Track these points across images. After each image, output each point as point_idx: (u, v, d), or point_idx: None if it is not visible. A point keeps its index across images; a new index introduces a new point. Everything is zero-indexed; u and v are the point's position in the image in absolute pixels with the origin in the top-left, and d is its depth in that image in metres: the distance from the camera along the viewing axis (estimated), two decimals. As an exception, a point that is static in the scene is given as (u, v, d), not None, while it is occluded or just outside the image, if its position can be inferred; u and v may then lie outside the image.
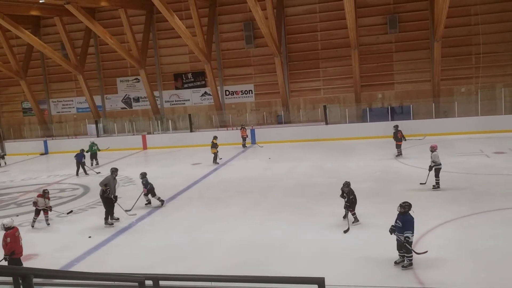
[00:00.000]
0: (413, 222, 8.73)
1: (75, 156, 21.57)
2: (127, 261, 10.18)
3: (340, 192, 11.68)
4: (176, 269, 9.13)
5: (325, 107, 27.88)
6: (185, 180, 18.54)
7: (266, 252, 10.11)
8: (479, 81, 27.75)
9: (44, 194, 13.41)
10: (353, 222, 11.31)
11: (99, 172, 21.11)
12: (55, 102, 35.58)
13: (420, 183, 14.39)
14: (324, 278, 3.93)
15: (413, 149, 20.47)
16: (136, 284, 3.96)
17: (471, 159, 18.35)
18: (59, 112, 35.60)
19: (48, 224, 13.43)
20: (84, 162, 21.57)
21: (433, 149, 14.15)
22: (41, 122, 34.16)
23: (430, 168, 14.09)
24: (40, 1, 26.36)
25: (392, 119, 26.30)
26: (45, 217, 13.45)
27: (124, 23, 28.49)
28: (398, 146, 19.77)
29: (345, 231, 10.88)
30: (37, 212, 13.34)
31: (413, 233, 8.66)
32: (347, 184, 11.56)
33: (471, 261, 8.84)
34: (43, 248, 11.43)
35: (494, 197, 12.84)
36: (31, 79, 33.71)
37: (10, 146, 32.38)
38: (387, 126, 23.66)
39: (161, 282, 4.13)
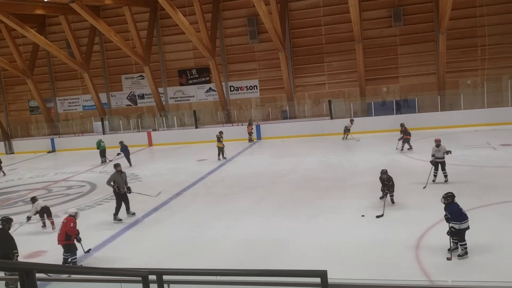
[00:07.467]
0: (461, 211, 8.76)
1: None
2: (134, 257, 10.25)
3: (381, 185, 12.19)
4: (182, 264, 9.19)
5: (330, 101, 27.83)
6: (191, 176, 18.59)
7: (273, 247, 10.14)
8: (485, 73, 27.57)
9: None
10: (392, 203, 11.94)
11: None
12: (62, 100, 35.77)
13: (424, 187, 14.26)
14: (326, 271, 3.92)
15: (417, 143, 20.40)
16: (140, 278, 4.00)
17: (478, 152, 18.26)
18: (65, 110, 35.80)
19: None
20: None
21: (439, 142, 14.06)
22: (48, 120, 34.35)
23: (440, 162, 13.94)
24: (45, 0, 26.45)
25: (397, 113, 26.21)
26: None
27: (128, 21, 28.56)
28: (407, 140, 19.64)
29: (378, 216, 11.24)
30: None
31: (461, 222, 8.64)
32: (385, 171, 12.07)
33: (478, 254, 8.80)
34: (51, 245, 11.50)
35: (501, 190, 12.79)
36: (37, 77, 33.88)
37: (17, 144, 32.65)
38: (392, 120, 23.63)
39: (165, 277, 4.16)
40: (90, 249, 10.75)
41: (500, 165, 15.79)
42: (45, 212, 12.98)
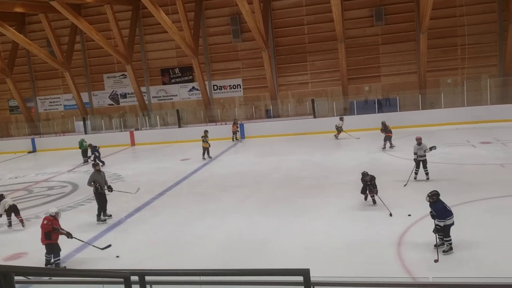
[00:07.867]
0: (445, 208, 8.92)
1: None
2: (117, 258, 10.15)
3: (362, 186, 12.18)
4: (165, 265, 9.15)
5: (313, 100, 27.96)
6: (175, 175, 18.50)
7: (257, 247, 10.14)
8: (465, 72, 27.99)
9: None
10: (374, 204, 12.00)
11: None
12: (42, 99, 35.28)
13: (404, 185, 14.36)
14: (309, 269, 3.95)
15: (399, 141, 20.61)
16: (122, 280, 3.97)
17: (458, 150, 18.52)
18: (46, 109, 35.32)
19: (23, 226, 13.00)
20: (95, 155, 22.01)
21: (420, 140, 14.22)
22: (28, 120, 33.84)
23: (422, 160, 14.07)
24: (24, -2, 26.08)
25: (379, 112, 26.44)
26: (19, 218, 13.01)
27: (110, 19, 28.27)
28: (388, 138, 19.82)
29: (391, 215, 11.18)
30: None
31: (445, 219, 8.80)
32: (366, 173, 12.10)
33: (460, 250, 8.90)
34: (32, 247, 11.34)
35: (481, 187, 12.99)
36: (17, 76, 33.36)
37: (-3, 144, 32.07)
38: (374, 119, 23.81)
39: (147, 278, 4.14)
40: (110, 245, 10.53)
41: (480, 162, 16.04)
42: (12, 210, 12.83)
